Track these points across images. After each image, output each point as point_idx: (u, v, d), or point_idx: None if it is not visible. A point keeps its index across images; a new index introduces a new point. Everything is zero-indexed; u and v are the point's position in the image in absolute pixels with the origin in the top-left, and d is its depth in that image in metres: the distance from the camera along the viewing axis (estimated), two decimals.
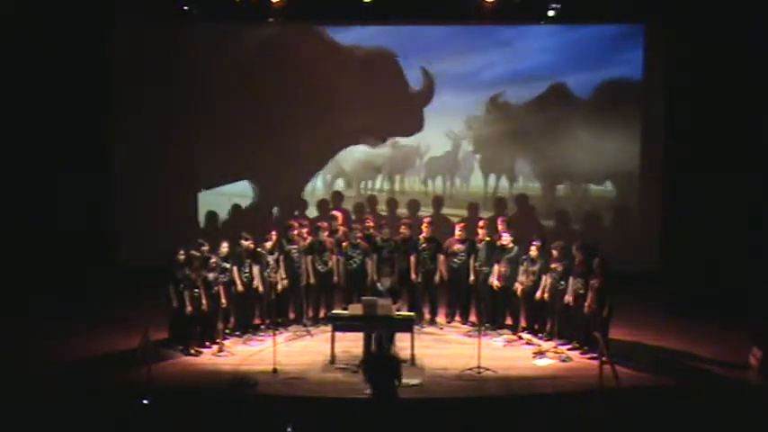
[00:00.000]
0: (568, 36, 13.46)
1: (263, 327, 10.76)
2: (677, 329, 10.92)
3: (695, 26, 12.59)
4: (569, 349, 9.99)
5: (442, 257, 11.06)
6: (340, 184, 14.10)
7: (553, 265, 10.16)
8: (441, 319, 11.33)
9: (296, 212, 13.69)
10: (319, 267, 11.00)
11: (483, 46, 13.60)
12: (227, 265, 10.36)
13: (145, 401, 8.14)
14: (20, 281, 12.03)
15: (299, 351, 10.13)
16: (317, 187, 14.07)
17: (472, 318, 11.09)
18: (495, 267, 10.67)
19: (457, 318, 11.32)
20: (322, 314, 11.06)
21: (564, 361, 9.72)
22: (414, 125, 13.81)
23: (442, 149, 13.93)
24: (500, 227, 10.89)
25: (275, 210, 13.96)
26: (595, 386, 8.51)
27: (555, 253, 10.21)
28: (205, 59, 13.61)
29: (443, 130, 13.83)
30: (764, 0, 11.95)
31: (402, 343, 9.60)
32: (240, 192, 14.03)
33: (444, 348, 10.25)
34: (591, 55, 13.46)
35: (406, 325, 9.58)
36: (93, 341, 10.34)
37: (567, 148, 13.70)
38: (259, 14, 12.75)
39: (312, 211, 13.81)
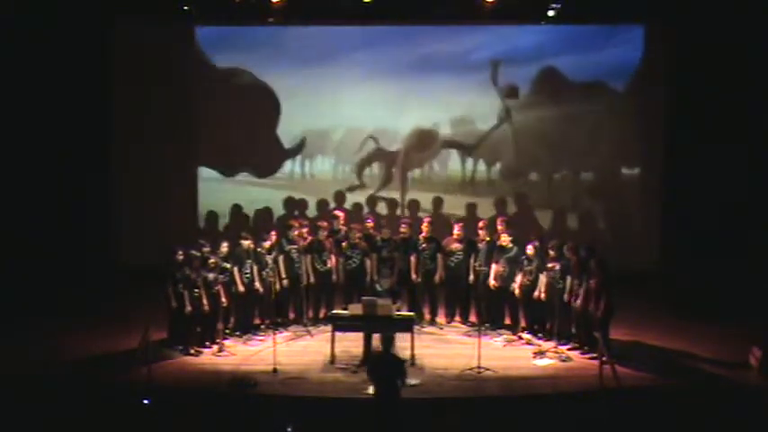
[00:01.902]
0: (566, 34, 13.44)
1: (263, 327, 10.76)
2: (677, 329, 10.92)
3: (695, 26, 12.59)
4: (569, 349, 9.99)
5: (441, 257, 11.06)
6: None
7: (550, 265, 10.16)
8: (441, 319, 11.33)
9: (296, 212, 13.70)
10: (318, 267, 11.00)
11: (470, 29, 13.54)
12: (228, 265, 10.36)
13: (145, 401, 8.15)
14: (20, 281, 12.03)
15: (299, 351, 10.13)
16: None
17: (472, 318, 11.09)
18: (494, 267, 10.67)
19: (457, 318, 11.32)
20: (322, 314, 11.06)
21: (564, 361, 9.72)
22: (270, 170, 13.93)
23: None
24: (500, 227, 10.89)
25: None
26: (595, 386, 8.51)
27: (552, 252, 10.22)
28: (206, 59, 13.66)
29: (422, 113, 13.76)
30: (764, 0, 11.96)
31: (402, 343, 9.60)
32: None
33: (444, 348, 10.25)
34: (591, 54, 13.46)
35: (406, 325, 9.58)
36: (93, 341, 10.34)
37: (566, 148, 13.69)
38: (259, 14, 12.74)
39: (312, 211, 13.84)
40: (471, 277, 10.81)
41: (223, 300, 10.20)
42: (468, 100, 13.66)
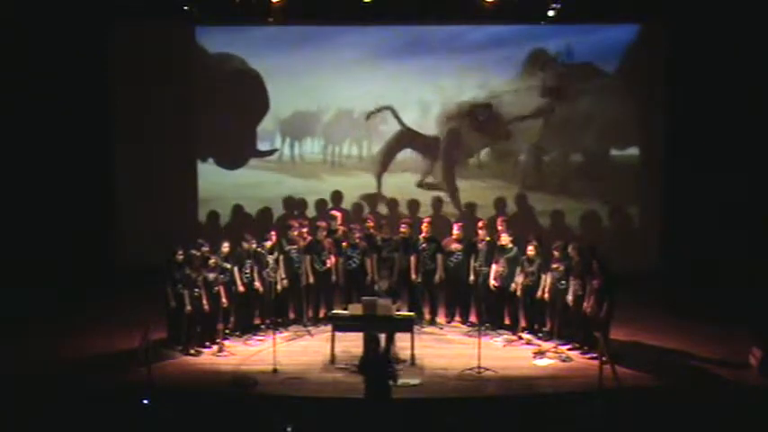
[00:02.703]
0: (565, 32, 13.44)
1: (263, 327, 10.76)
2: (677, 329, 10.92)
3: (695, 26, 12.60)
4: (569, 349, 9.99)
5: (441, 257, 11.06)
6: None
7: (554, 265, 10.16)
8: (441, 319, 11.33)
9: (296, 212, 13.69)
10: (317, 267, 11.00)
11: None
12: (228, 265, 10.36)
13: (145, 401, 8.15)
14: (20, 281, 12.02)
15: (299, 351, 10.13)
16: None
17: (472, 318, 11.09)
18: (494, 267, 10.67)
19: (457, 318, 11.32)
20: (322, 314, 11.07)
21: (564, 361, 9.72)
22: (236, 163, 13.92)
23: (411, 115, 13.81)
24: (500, 227, 10.89)
25: None
26: (595, 386, 8.51)
27: (556, 253, 10.21)
28: (204, 59, 13.67)
29: (415, 95, 13.75)
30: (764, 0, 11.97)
31: (402, 343, 9.61)
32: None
33: (444, 348, 10.25)
34: (592, 53, 13.46)
35: (406, 325, 9.58)
36: (93, 341, 10.35)
37: (565, 148, 13.70)
38: (259, 14, 12.72)
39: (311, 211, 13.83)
40: (471, 277, 10.81)
41: (223, 300, 10.20)
42: (462, 81, 13.63)
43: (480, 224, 11.17)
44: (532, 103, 13.60)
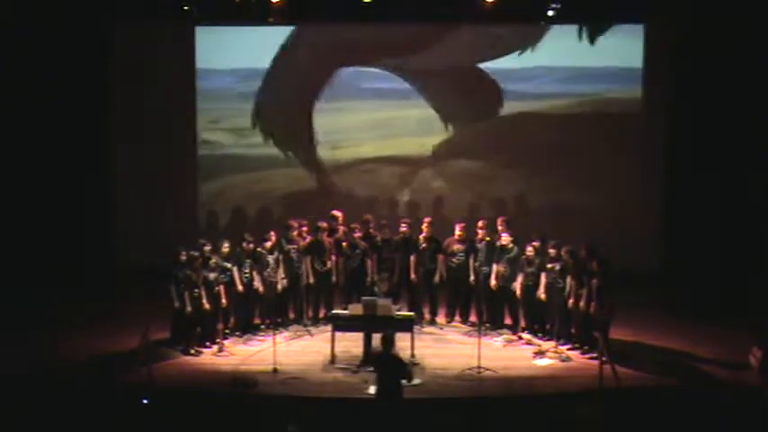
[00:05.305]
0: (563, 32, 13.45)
1: (263, 327, 10.76)
2: (677, 329, 10.93)
3: (695, 26, 12.60)
4: (569, 349, 9.99)
5: (441, 257, 11.06)
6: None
7: (550, 265, 10.17)
8: (441, 319, 11.33)
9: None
10: (318, 267, 10.99)
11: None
12: (228, 265, 10.36)
13: (145, 401, 8.15)
14: (20, 280, 12.02)
15: (299, 351, 10.13)
16: None
17: (472, 318, 11.09)
18: (495, 267, 10.67)
19: (457, 318, 11.32)
20: (322, 314, 11.06)
21: (564, 361, 9.72)
22: None
23: None
24: (500, 227, 10.89)
25: None
26: (595, 386, 8.52)
27: (552, 251, 10.21)
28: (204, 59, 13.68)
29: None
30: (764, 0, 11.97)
31: (402, 343, 9.61)
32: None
33: (444, 348, 10.25)
34: (590, 51, 13.46)
35: (406, 325, 9.58)
36: (93, 341, 10.35)
37: (565, 148, 13.71)
38: (259, 14, 12.73)
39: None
40: (472, 278, 10.81)
41: (223, 300, 10.20)
42: None
43: (480, 224, 11.16)
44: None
